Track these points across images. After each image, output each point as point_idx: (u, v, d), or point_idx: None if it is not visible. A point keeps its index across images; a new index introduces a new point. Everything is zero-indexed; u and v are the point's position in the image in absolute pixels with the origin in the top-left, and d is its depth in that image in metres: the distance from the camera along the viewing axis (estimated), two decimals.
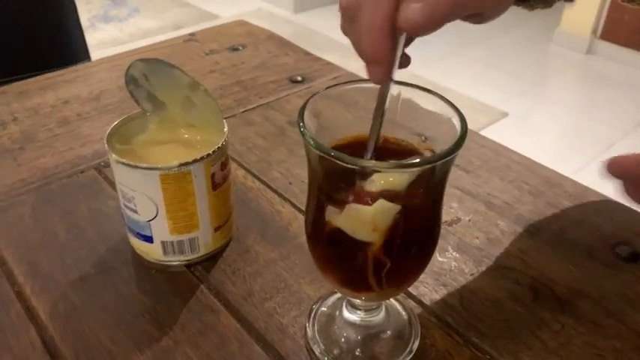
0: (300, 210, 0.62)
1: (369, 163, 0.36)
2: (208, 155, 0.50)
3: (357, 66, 0.50)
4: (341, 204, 0.38)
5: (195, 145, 0.54)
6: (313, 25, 3.47)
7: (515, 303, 0.52)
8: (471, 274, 0.55)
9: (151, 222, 0.52)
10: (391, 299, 0.51)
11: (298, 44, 0.95)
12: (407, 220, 0.37)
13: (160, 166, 0.49)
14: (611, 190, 0.65)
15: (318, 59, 0.91)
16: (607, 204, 0.64)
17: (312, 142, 0.36)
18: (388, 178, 0.36)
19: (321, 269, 0.44)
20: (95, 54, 1.09)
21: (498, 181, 0.67)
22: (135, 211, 0.52)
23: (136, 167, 0.49)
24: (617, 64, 2.99)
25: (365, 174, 0.36)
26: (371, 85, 0.39)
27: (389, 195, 0.36)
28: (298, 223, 0.60)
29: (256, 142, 0.72)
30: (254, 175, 0.67)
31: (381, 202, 0.36)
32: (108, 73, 0.87)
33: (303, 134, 0.37)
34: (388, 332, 0.49)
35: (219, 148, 0.51)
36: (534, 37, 3.41)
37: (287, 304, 0.51)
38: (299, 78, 0.85)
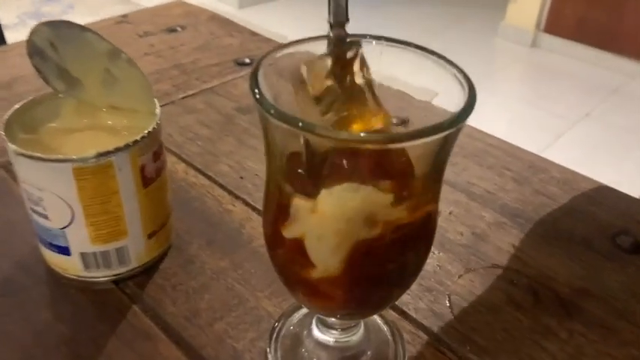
0: (254, 209, 0.52)
1: (352, 136, 0.27)
2: (135, 142, 0.40)
3: None
4: (308, 195, 0.28)
5: (121, 131, 0.43)
6: (259, 21, 3.35)
7: (514, 308, 0.44)
8: (459, 276, 0.47)
9: (65, 229, 0.41)
10: None
11: None
12: (400, 214, 0.28)
13: (73, 157, 0.38)
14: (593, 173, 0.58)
15: (268, 40, 0.81)
16: (599, 190, 0.57)
17: (272, 112, 0.27)
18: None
19: (284, 280, 0.35)
20: None
21: (477, 168, 0.59)
22: (45, 217, 0.41)
23: (42, 160, 0.38)
24: (561, 57, 3.00)
25: (345, 151, 0.27)
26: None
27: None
28: (253, 225, 0.50)
29: (199, 131, 0.62)
30: (197, 170, 0.56)
31: (369, 191, 0.27)
32: (25, 58, 0.75)
33: (259, 102, 0.27)
34: (368, 353, 0.40)
35: (149, 133, 0.41)
36: (480, 30, 3.41)
37: (242, 325, 0.42)
38: (247, 60, 0.75)
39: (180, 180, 0.55)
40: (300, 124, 0.25)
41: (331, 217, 0.28)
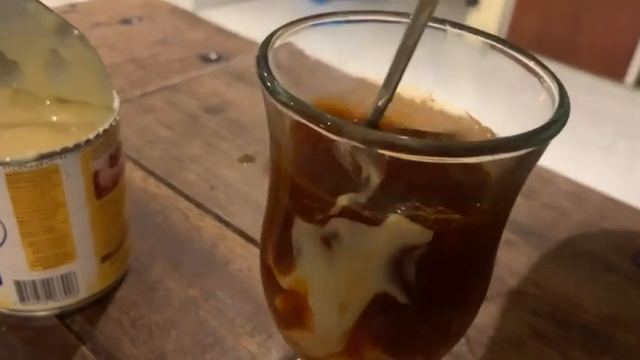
0: (229, 224, 0.44)
1: (409, 141, 0.19)
2: (88, 142, 0.31)
3: None
4: (322, 219, 0.21)
5: (69, 129, 0.35)
6: (216, 23, 3.25)
7: (541, 342, 0.38)
8: None
9: None
10: None
11: None
12: (447, 252, 0.21)
13: (6, 159, 0.30)
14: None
15: (235, 36, 0.73)
16: (609, 203, 0.52)
17: (285, 97, 0.19)
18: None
19: (285, 325, 0.27)
20: None
21: None
22: None
23: None
24: None
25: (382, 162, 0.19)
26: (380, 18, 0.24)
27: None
28: (227, 244, 0.42)
29: (160, 133, 0.53)
30: (159, 178, 0.48)
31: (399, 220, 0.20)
32: None
33: (268, 88, 0.20)
34: None
35: (105, 131, 0.32)
36: None
37: None
38: (213, 55, 0.67)
39: (139, 190, 0.46)
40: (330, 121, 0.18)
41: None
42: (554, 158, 0.44)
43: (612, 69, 2.46)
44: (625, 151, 2.16)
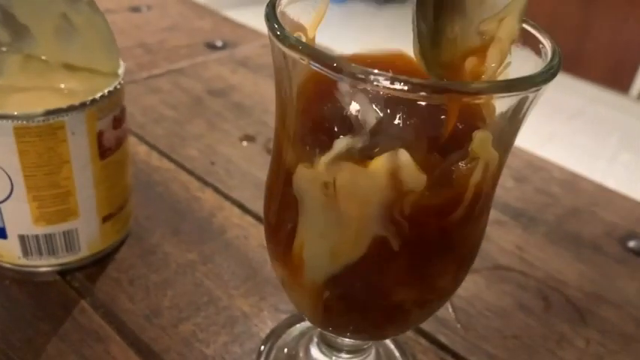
0: (227, 197, 0.45)
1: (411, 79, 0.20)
2: (93, 102, 0.33)
3: None
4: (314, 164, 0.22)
5: (76, 95, 0.36)
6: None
7: (525, 314, 0.39)
8: None
9: (2, 205, 0.34)
10: None
11: None
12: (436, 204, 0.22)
13: (15, 113, 0.31)
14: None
15: (240, 25, 0.75)
16: (601, 191, 0.53)
17: (294, 41, 0.20)
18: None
19: (285, 287, 0.28)
20: None
21: None
22: None
23: None
24: None
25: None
26: None
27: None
28: (225, 214, 0.44)
29: (164, 112, 0.55)
30: (161, 153, 0.49)
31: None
32: None
33: (278, 36, 0.21)
34: None
35: (109, 92, 0.34)
36: None
37: (213, 326, 0.35)
38: (219, 43, 0.69)
39: (142, 163, 0.48)
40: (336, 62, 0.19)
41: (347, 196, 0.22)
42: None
43: (617, 80, 2.47)
44: (628, 162, 2.16)
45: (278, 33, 0.21)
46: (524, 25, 0.24)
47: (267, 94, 0.61)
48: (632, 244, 0.47)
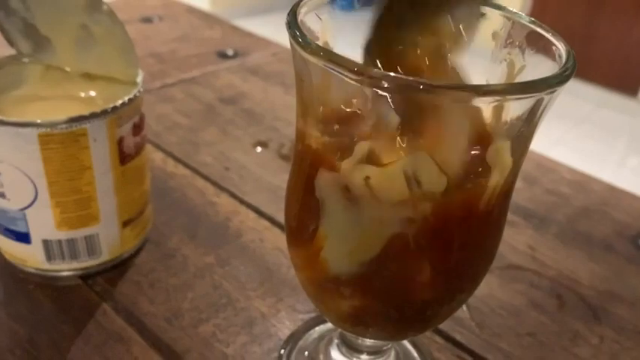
0: (242, 201, 0.46)
1: (430, 82, 0.20)
2: (114, 109, 0.34)
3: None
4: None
5: (96, 102, 0.37)
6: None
7: (538, 312, 0.39)
8: None
9: (26, 210, 0.35)
10: None
11: None
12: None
13: (39, 121, 0.32)
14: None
15: (251, 35, 0.76)
16: (611, 191, 0.54)
17: (316, 47, 0.21)
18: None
19: (307, 288, 0.29)
20: None
21: None
22: (1, 195, 0.34)
23: (3, 123, 0.32)
24: None
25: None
26: None
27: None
28: (241, 218, 0.44)
29: (178, 120, 0.56)
30: (177, 160, 0.50)
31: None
32: None
33: (300, 44, 0.22)
34: None
35: (129, 100, 0.35)
36: None
37: (232, 327, 0.36)
38: (230, 52, 0.70)
39: (158, 170, 0.49)
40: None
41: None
42: None
43: (625, 84, 2.47)
44: (636, 166, 2.16)
45: (300, 40, 0.22)
46: (538, 29, 0.25)
47: (278, 100, 0.61)
48: None
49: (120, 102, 0.34)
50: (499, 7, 0.26)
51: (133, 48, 0.36)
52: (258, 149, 0.53)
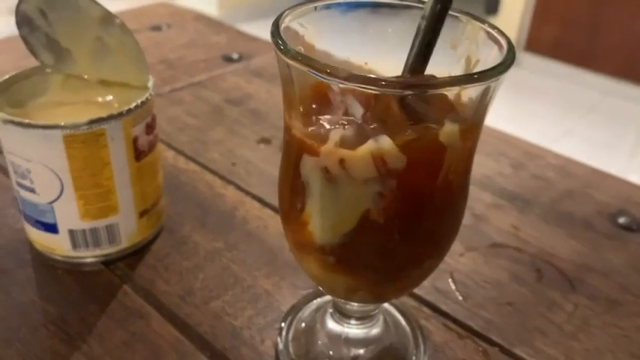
0: (248, 193, 0.50)
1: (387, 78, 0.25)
2: (129, 111, 0.38)
3: None
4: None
5: (113, 105, 0.42)
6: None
7: (518, 284, 0.43)
8: (461, 255, 0.45)
9: (54, 203, 0.39)
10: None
11: None
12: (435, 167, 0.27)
13: (63, 124, 0.36)
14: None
15: (255, 39, 0.80)
16: (594, 174, 0.57)
17: (294, 53, 0.25)
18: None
19: (299, 258, 0.33)
20: None
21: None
22: (32, 191, 0.39)
23: (31, 127, 0.36)
24: (541, 76, 3.05)
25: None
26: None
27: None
28: (246, 208, 0.49)
29: (187, 121, 0.60)
30: (187, 157, 0.55)
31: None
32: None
33: (282, 50, 0.26)
34: (388, 346, 0.38)
35: (142, 102, 0.39)
36: None
37: (239, 303, 0.40)
38: (235, 56, 0.74)
39: (170, 166, 0.53)
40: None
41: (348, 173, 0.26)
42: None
43: (632, 71, 2.47)
44: None
45: (281, 47, 0.26)
46: (490, 30, 0.29)
47: (281, 100, 0.65)
48: (622, 220, 0.50)
49: (134, 105, 0.38)
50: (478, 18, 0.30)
51: (143, 56, 0.41)
52: (262, 146, 0.57)
